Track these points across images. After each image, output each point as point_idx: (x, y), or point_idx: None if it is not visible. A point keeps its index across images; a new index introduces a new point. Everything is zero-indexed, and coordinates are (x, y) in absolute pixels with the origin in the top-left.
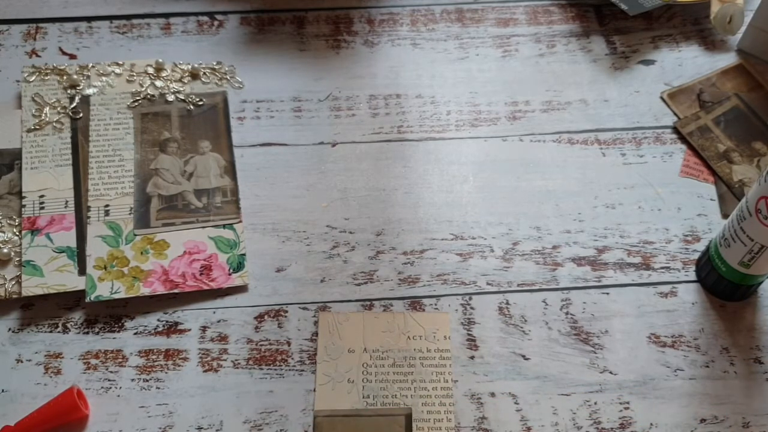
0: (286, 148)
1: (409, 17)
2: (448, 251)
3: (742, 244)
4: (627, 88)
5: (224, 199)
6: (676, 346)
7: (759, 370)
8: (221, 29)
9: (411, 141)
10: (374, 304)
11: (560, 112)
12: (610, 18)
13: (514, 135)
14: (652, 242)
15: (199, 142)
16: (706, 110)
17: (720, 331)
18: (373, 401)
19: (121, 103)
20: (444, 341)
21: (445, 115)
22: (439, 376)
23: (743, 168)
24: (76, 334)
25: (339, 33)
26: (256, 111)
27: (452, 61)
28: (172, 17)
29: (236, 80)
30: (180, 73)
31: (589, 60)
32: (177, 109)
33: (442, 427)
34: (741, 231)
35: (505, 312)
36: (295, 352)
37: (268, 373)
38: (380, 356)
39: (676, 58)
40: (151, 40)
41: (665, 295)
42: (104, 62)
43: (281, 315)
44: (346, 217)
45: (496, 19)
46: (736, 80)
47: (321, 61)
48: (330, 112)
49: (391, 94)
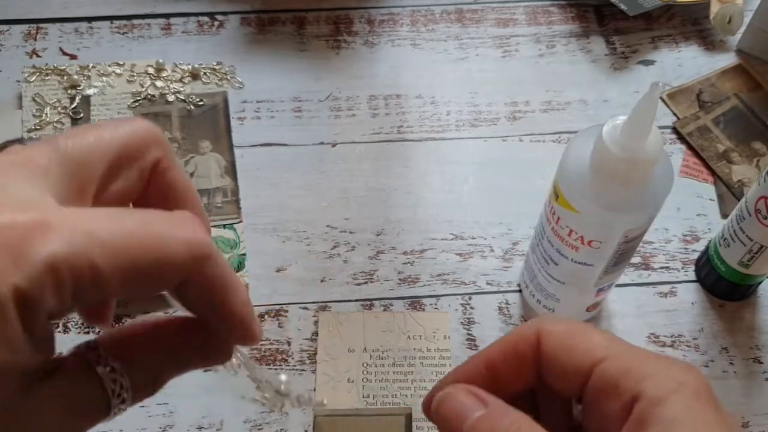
0: (286, 149)
1: (409, 18)
2: (448, 251)
3: (742, 244)
4: (627, 89)
5: (225, 199)
6: (676, 346)
7: (758, 370)
8: (221, 30)
9: (411, 141)
10: (374, 303)
11: (560, 112)
12: (609, 18)
13: (514, 135)
14: (652, 242)
15: (200, 142)
16: (705, 110)
17: (719, 330)
18: (373, 401)
19: (121, 103)
20: (444, 341)
21: (445, 116)
22: (439, 375)
23: (743, 168)
24: (77, 334)
25: (339, 33)
26: (257, 111)
27: (452, 62)
28: (172, 17)
29: (236, 80)
30: (180, 74)
31: (589, 60)
32: (177, 110)
33: None
34: (740, 231)
35: (505, 312)
36: (296, 351)
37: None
38: (380, 356)
39: (676, 59)
40: (151, 41)
41: (665, 295)
42: (105, 62)
43: (281, 315)
44: (346, 217)
45: (496, 20)
46: (736, 80)
47: (321, 62)
48: (330, 113)
49: (391, 94)
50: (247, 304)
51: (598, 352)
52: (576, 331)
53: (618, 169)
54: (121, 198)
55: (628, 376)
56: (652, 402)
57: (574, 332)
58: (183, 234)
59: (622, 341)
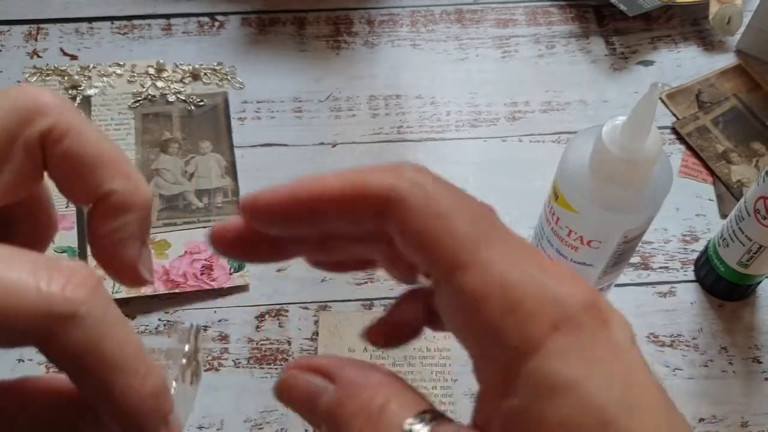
0: (286, 149)
1: (409, 18)
2: None
3: (741, 244)
4: (626, 89)
5: (225, 199)
6: (675, 346)
7: (757, 370)
8: (222, 30)
9: (411, 141)
10: (374, 303)
11: (560, 112)
12: (609, 19)
13: (514, 135)
14: (651, 242)
15: (200, 142)
16: (704, 111)
17: (719, 330)
18: None
19: (122, 103)
20: (444, 340)
21: (444, 116)
22: (439, 375)
23: (742, 168)
24: None
25: (339, 34)
26: (257, 111)
27: (452, 62)
28: (172, 18)
29: (237, 81)
30: (181, 74)
31: (589, 61)
32: (178, 110)
33: None
34: (739, 231)
35: None
36: (296, 351)
37: (268, 372)
38: (380, 356)
39: (675, 59)
40: (152, 41)
41: (664, 295)
42: (105, 63)
43: (282, 314)
44: None
45: (496, 20)
46: (735, 81)
47: (321, 62)
48: (330, 113)
49: (391, 94)
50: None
51: (461, 255)
52: (438, 212)
53: (617, 169)
54: (13, 190)
55: (490, 302)
56: (521, 349)
57: (435, 212)
58: (40, 285)
59: (497, 230)
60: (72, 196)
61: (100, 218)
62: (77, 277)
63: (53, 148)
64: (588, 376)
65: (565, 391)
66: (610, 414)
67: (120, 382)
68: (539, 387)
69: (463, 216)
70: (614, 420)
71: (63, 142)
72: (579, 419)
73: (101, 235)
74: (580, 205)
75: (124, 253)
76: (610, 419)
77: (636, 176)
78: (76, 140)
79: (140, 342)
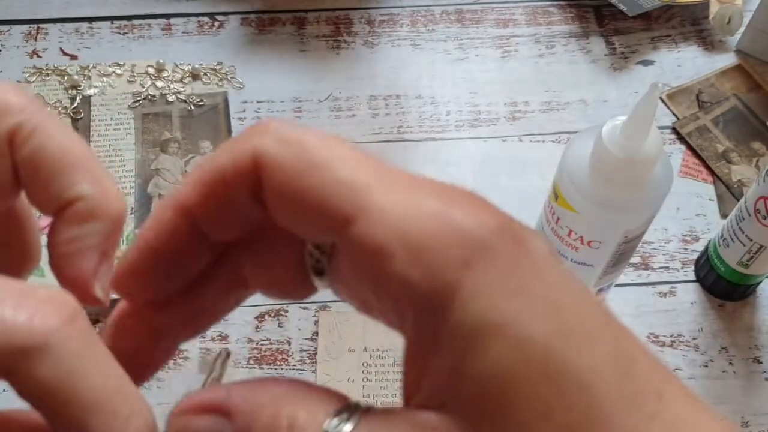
0: None
1: (409, 18)
2: None
3: (741, 244)
4: (626, 89)
5: None
6: (675, 346)
7: (758, 370)
8: (222, 30)
9: (411, 141)
10: None
11: (559, 112)
12: (609, 18)
13: (514, 135)
14: (651, 242)
15: (200, 142)
16: (705, 110)
17: (719, 330)
18: (374, 400)
19: (122, 103)
20: None
21: (444, 116)
22: None
23: (742, 168)
24: None
25: (339, 34)
26: (257, 111)
27: (452, 62)
28: (172, 18)
29: (237, 81)
30: (181, 74)
31: (589, 60)
32: (178, 110)
33: None
34: (740, 231)
35: None
36: (296, 351)
37: (268, 373)
38: (380, 355)
39: (675, 59)
40: (151, 41)
41: (664, 295)
42: (105, 63)
43: (282, 314)
44: None
45: (496, 20)
46: (735, 81)
47: (321, 62)
48: (330, 113)
49: (391, 94)
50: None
51: (347, 206)
52: (314, 163)
53: (617, 169)
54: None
55: (390, 253)
56: (436, 300)
57: (311, 164)
58: (5, 314)
59: (385, 170)
60: (38, 203)
61: (61, 223)
62: (48, 305)
63: (20, 150)
64: (514, 309)
65: (493, 336)
66: (547, 347)
67: (97, 424)
68: (464, 338)
69: (345, 163)
70: (553, 353)
71: (29, 143)
72: (515, 367)
73: (58, 242)
74: (580, 205)
75: (79, 265)
76: (549, 354)
77: (636, 176)
78: (43, 141)
79: (127, 378)
